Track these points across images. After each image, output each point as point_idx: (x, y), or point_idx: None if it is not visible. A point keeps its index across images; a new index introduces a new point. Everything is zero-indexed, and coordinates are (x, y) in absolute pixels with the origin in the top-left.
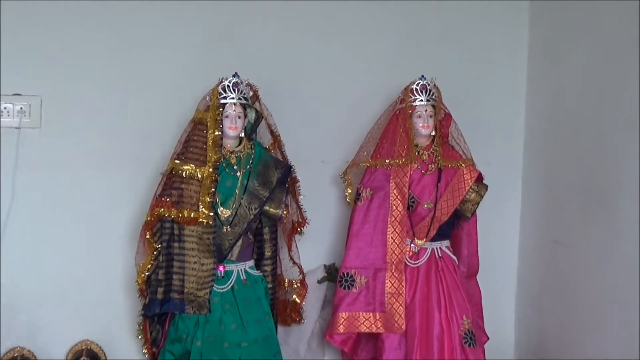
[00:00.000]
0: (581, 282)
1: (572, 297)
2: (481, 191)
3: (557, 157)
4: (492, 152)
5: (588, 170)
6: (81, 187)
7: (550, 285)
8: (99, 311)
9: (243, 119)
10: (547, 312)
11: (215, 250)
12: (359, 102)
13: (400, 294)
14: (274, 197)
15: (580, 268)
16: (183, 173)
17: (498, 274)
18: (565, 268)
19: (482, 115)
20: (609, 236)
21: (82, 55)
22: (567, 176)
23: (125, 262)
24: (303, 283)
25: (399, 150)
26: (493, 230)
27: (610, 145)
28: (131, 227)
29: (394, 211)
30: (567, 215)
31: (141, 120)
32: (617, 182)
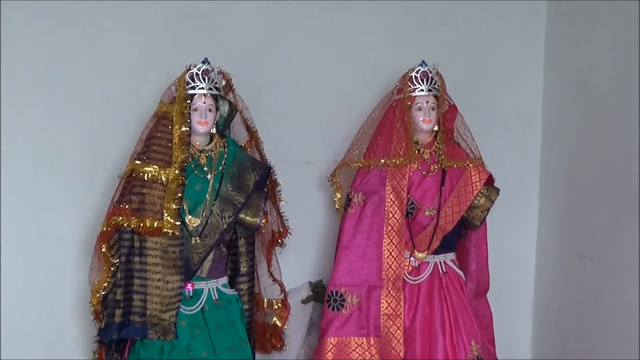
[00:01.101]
0: (611, 302)
1: (601, 320)
2: (492, 195)
3: (581, 156)
4: (504, 150)
5: (618, 171)
6: (22, 192)
7: (574, 305)
8: (45, 338)
9: (214, 112)
10: (570, 337)
11: (182, 266)
12: (350, 93)
13: (398, 315)
14: (250, 203)
15: (611, 286)
16: (145, 176)
17: (512, 292)
18: (593, 285)
19: (493, 107)
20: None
21: (23, 41)
22: (594, 177)
23: (77, 280)
24: (285, 303)
25: (396, 148)
26: (506, 241)
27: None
28: (83, 239)
29: (390, 219)
30: (594, 224)
31: (94, 114)
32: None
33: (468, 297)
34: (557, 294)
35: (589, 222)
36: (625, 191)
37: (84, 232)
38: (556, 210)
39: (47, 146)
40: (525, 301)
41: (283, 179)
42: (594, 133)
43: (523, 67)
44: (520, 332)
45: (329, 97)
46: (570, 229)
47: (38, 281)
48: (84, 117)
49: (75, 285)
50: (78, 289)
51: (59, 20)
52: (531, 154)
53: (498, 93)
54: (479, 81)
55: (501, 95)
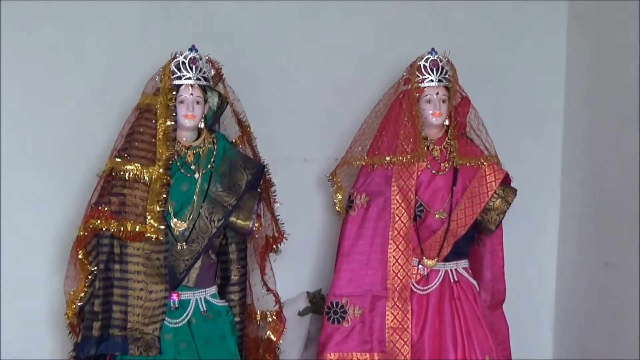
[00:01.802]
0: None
1: (628, 334)
2: (508, 197)
3: (606, 153)
4: (522, 147)
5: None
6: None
7: (599, 317)
8: (15, 353)
9: (202, 105)
10: (594, 353)
11: (167, 274)
12: (352, 83)
13: (405, 329)
14: (242, 205)
15: (638, 296)
16: (125, 175)
17: (531, 303)
18: (619, 296)
19: (510, 99)
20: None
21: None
22: (620, 178)
23: (51, 290)
24: (280, 316)
25: (403, 145)
26: (524, 247)
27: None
28: (58, 245)
29: (396, 223)
30: (621, 229)
31: (70, 106)
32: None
33: (482, 308)
34: (580, 306)
35: (615, 227)
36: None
37: (58, 236)
38: (579, 214)
39: (17, 142)
40: (545, 313)
41: (278, 178)
42: (621, 129)
43: (543, 56)
44: (540, 348)
45: (329, 88)
46: (595, 234)
47: (7, 291)
48: (59, 110)
49: (49, 295)
50: (52, 299)
51: (30, 2)
52: (552, 151)
53: (516, 84)
54: (495, 70)
55: (519, 86)
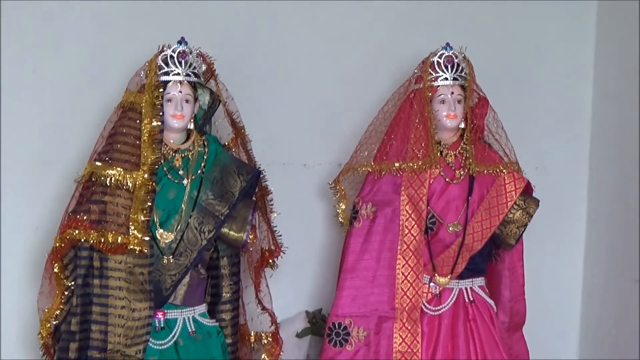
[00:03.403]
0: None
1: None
2: (530, 208)
3: (637, 164)
4: (545, 153)
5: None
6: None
7: (629, 341)
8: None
9: (192, 103)
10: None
11: (151, 291)
12: (357, 81)
13: (415, 353)
14: (235, 215)
15: None
16: (107, 180)
17: (554, 325)
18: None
19: (532, 101)
20: None
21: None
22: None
23: (23, 306)
24: (276, 337)
25: (414, 150)
26: (547, 263)
27: None
28: (31, 257)
29: (406, 236)
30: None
31: (46, 104)
32: None
33: (500, 331)
34: (608, 327)
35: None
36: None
37: (32, 248)
38: (608, 227)
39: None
40: (569, 336)
41: (275, 185)
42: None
43: (570, 53)
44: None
45: (332, 87)
46: (624, 249)
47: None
48: (32, 108)
49: (21, 313)
50: (24, 317)
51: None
52: (578, 159)
53: (539, 84)
54: (516, 69)
55: (543, 87)
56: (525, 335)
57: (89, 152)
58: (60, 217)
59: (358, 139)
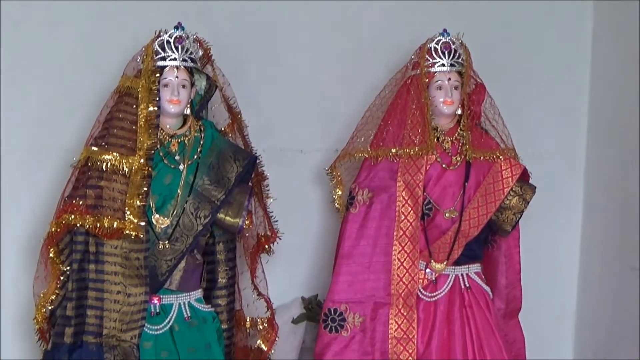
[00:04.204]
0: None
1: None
2: (526, 195)
3: (633, 151)
4: (542, 140)
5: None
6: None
7: (626, 329)
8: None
9: (189, 89)
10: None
11: (147, 276)
12: (354, 68)
13: (410, 339)
14: (231, 200)
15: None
16: (103, 165)
17: (549, 312)
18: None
19: (529, 87)
20: None
21: None
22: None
23: (18, 292)
24: (272, 323)
25: (411, 136)
26: (543, 250)
27: None
28: (27, 242)
29: (402, 222)
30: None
31: (42, 88)
32: None
33: (496, 318)
34: (604, 315)
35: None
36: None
37: (27, 233)
38: (604, 214)
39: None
40: (565, 323)
41: (271, 171)
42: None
43: (567, 40)
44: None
45: (329, 73)
46: (621, 237)
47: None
48: (30, 93)
49: (16, 298)
50: (19, 302)
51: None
52: (575, 145)
53: (536, 70)
54: (513, 55)
55: (540, 73)
56: (521, 321)
57: (85, 136)
58: (56, 202)
59: (355, 125)
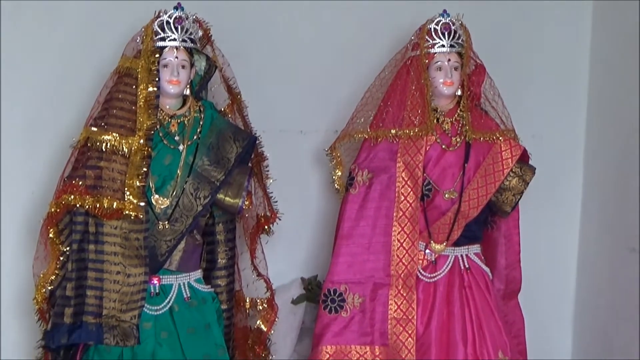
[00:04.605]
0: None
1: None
2: (526, 176)
3: (633, 133)
4: (542, 121)
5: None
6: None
7: (624, 309)
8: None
9: (188, 69)
10: (618, 347)
11: (146, 256)
12: (353, 48)
13: (410, 320)
14: (231, 181)
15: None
16: (102, 145)
17: (549, 293)
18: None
19: (529, 68)
20: None
21: None
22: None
23: (19, 271)
24: (271, 304)
25: (410, 117)
26: (543, 231)
27: None
28: (27, 223)
29: (401, 203)
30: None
31: (41, 69)
32: None
33: (495, 298)
34: (602, 296)
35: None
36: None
37: (27, 213)
38: (603, 195)
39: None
40: (564, 304)
41: (271, 152)
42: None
43: (567, 20)
44: (558, 342)
45: (329, 53)
46: (620, 218)
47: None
48: (29, 73)
49: (16, 278)
50: (19, 282)
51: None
52: (575, 126)
53: (536, 51)
54: (513, 36)
55: (539, 54)
56: (520, 302)
57: (85, 117)
58: (55, 183)
59: (354, 105)
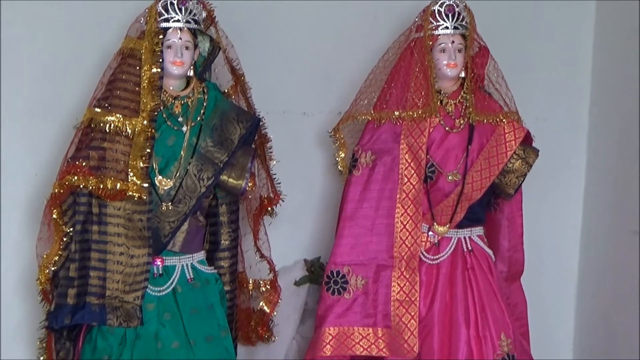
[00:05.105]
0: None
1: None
2: (529, 158)
3: (637, 114)
4: (545, 103)
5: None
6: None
7: (627, 291)
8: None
9: (192, 50)
10: (620, 331)
11: (150, 237)
12: (357, 30)
13: (413, 302)
14: (234, 162)
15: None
16: (106, 126)
17: (552, 275)
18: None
19: (533, 50)
20: None
21: None
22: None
23: (22, 252)
24: (274, 285)
25: (414, 98)
26: (546, 213)
27: None
28: (30, 203)
29: (405, 185)
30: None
31: (44, 49)
32: None
33: (498, 281)
34: (605, 278)
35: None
36: None
37: (30, 194)
38: (607, 178)
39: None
40: (567, 287)
41: (274, 133)
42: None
43: (571, 3)
44: (561, 324)
45: (332, 35)
46: (623, 201)
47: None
48: (33, 54)
49: (19, 259)
50: (22, 262)
51: None
52: (578, 109)
53: (539, 33)
54: (517, 19)
55: (543, 36)
56: (523, 285)
57: (88, 98)
58: (59, 164)
59: (358, 87)
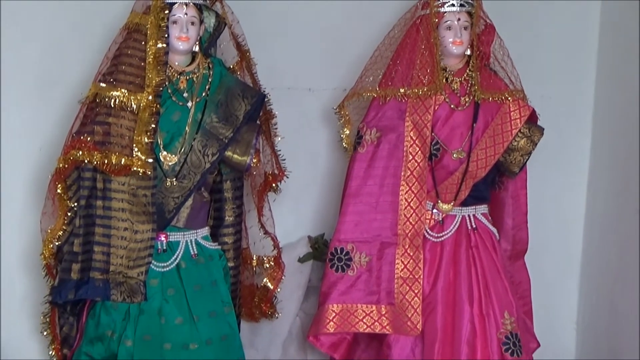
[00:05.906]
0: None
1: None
2: (534, 136)
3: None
4: (551, 81)
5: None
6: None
7: (630, 271)
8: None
9: (197, 26)
10: (623, 309)
11: (154, 213)
12: (363, 7)
13: (416, 279)
14: (239, 138)
15: None
16: (111, 101)
17: (556, 254)
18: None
19: (539, 28)
20: None
21: None
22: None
23: (26, 227)
24: (278, 262)
25: (419, 76)
26: (550, 192)
27: None
28: (35, 178)
29: (409, 162)
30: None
31: (49, 24)
32: None
33: (502, 259)
34: (609, 257)
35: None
36: None
37: (35, 168)
38: (612, 156)
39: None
40: (571, 266)
41: (279, 109)
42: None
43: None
44: (564, 303)
45: (338, 11)
46: (628, 179)
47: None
48: (38, 28)
49: (23, 233)
50: (26, 237)
51: None
52: (584, 88)
53: (545, 10)
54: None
55: (549, 14)
56: (527, 263)
57: (94, 73)
58: (64, 138)
59: (363, 64)
